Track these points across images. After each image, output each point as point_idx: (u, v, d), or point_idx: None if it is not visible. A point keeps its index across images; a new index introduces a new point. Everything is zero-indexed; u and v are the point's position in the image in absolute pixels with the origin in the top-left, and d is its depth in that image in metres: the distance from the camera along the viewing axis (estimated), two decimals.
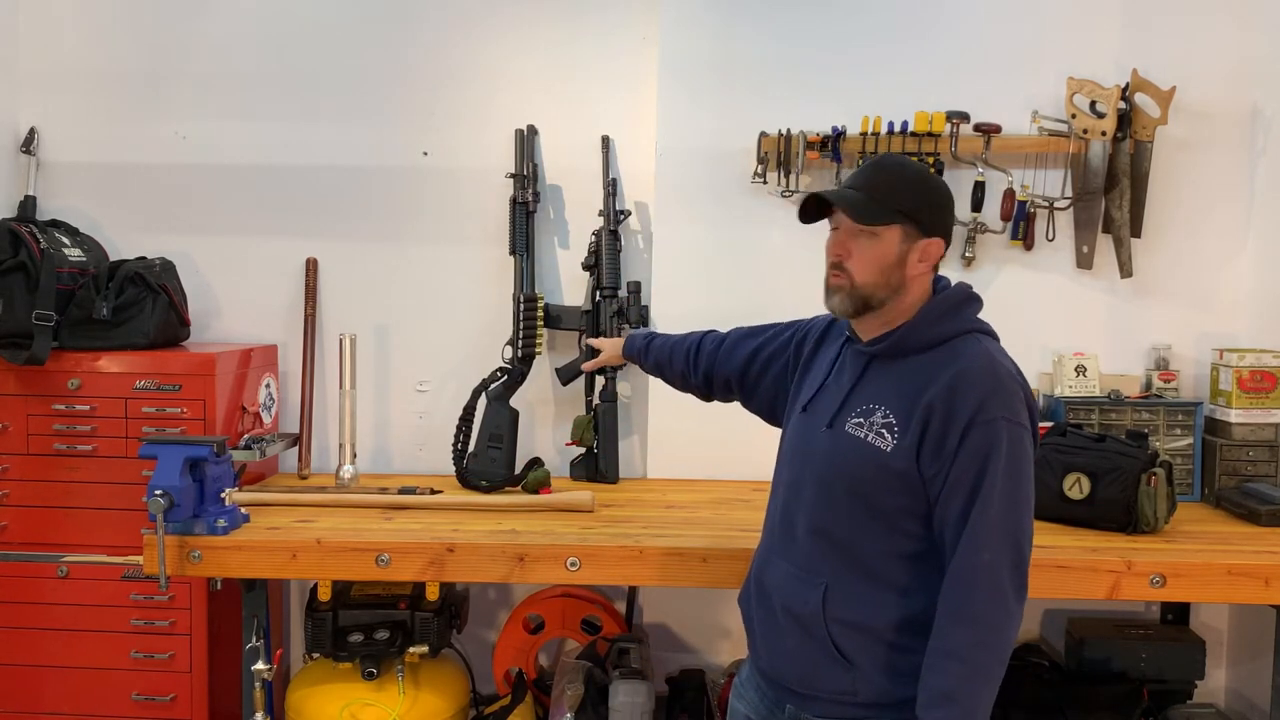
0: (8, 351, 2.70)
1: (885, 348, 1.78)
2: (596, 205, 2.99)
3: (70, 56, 3.11)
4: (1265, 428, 2.76)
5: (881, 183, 1.77)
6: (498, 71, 3.07)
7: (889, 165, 1.82)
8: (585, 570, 2.32)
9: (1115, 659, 2.80)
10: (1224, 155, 2.92)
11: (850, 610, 1.74)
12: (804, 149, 2.87)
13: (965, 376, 1.68)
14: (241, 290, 3.14)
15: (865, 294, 1.76)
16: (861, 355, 1.81)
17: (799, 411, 1.88)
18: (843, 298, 1.78)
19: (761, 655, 1.88)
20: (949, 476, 1.66)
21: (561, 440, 3.04)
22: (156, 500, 2.24)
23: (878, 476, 1.72)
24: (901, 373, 1.75)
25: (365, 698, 2.55)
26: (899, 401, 1.72)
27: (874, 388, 1.77)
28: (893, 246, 1.75)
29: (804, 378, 1.95)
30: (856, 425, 1.75)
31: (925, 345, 1.75)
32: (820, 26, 2.94)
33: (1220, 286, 2.96)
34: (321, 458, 3.09)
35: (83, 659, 2.76)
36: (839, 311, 1.81)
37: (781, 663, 1.83)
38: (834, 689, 1.77)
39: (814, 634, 1.76)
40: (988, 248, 2.95)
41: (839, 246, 1.79)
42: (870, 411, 1.75)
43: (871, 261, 1.75)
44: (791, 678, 1.82)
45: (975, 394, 1.66)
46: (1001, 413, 1.65)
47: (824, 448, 1.79)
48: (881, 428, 1.72)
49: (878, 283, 1.76)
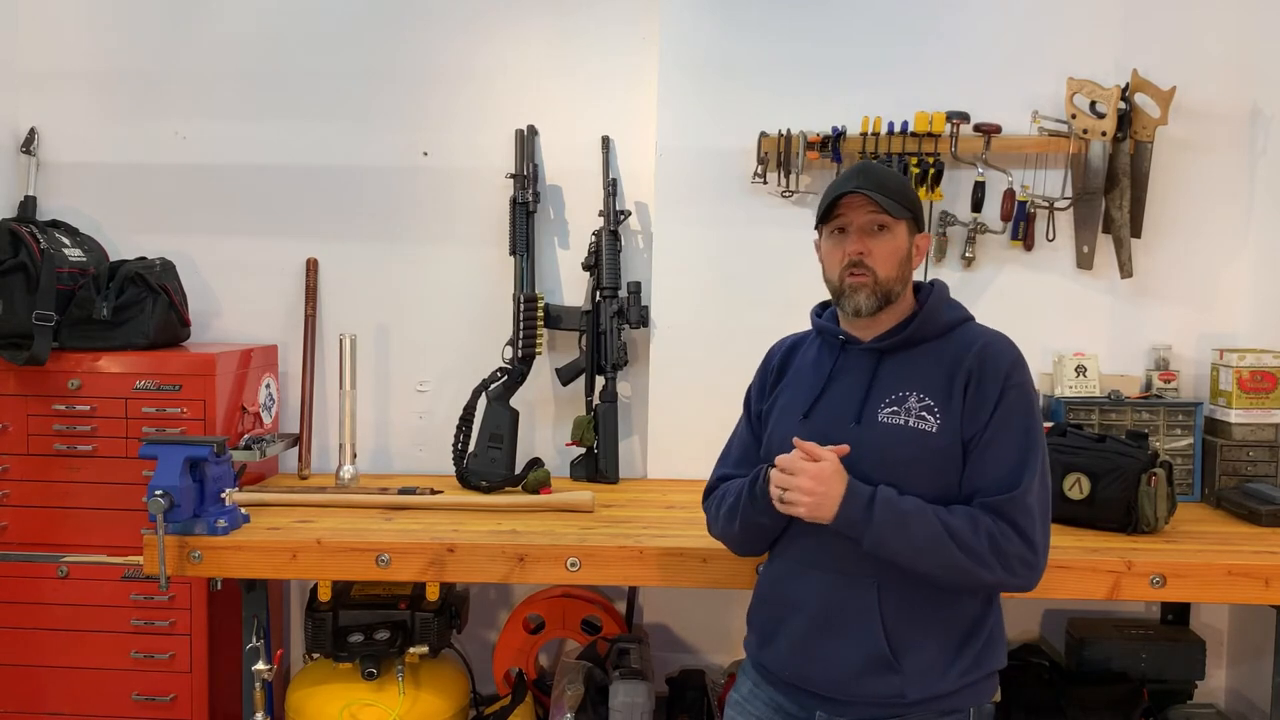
0: (8, 352, 2.70)
1: (901, 339, 1.83)
2: (596, 205, 2.99)
3: (70, 56, 3.11)
4: (1265, 428, 2.76)
5: (888, 180, 1.84)
6: (498, 71, 3.07)
7: (879, 167, 1.89)
8: (585, 570, 2.32)
9: (1115, 659, 2.80)
10: (1224, 155, 2.92)
11: (905, 608, 1.76)
12: (804, 149, 2.87)
13: (992, 348, 1.81)
14: (241, 290, 3.14)
15: (887, 288, 1.83)
16: (869, 353, 1.86)
17: (799, 420, 1.87)
18: (867, 294, 1.82)
19: (785, 665, 1.85)
20: (989, 434, 1.75)
21: (561, 440, 3.04)
22: (156, 500, 2.24)
23: (925, 458, 1.77)
24: (920, 360, 1.82)
25: (365, 698, 2.55)
26: (931, 384, 1.79)
27: (896, 378, 1.82)
28: (905, 241, 1.85)
29: (785, 392, 1.95)
30: (892, 414, 1.79)
31: (936, 333, 1.84)
32: (820, 27, 2.94)
33: (1220, 286, 2.96)
34: (321, 458, 3.09)
35: (83, 659, 2.76)
36: (865, 309, 1.83)
37: (815, 670, 1.81)
38: (880, 693, 1.76)
39: (863, 639, 1.76)
40: (988, 248, 2.95)
41: (859, 244, 1.82)
42: (903, 399, 1.80)
43: (891, 255, 1.82)
44: (827, 685, 1.80)
45: (1005, 361, 1.80)
46: (1028, 378, 1.81)
47: (857, 443, 1.78)
48: (921, 411, 1.78)
49: (896, 276, 1.84)
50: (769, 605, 1.91)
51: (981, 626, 1.81)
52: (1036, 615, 3.08)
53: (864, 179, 1.82)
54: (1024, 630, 3.08)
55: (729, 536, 1.97)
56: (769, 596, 1.91)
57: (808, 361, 1.95)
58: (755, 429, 2.01)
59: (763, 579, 1.96)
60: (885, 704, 1.77)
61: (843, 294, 1.85)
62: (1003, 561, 1.70)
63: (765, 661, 1.91)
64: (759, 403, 2.01)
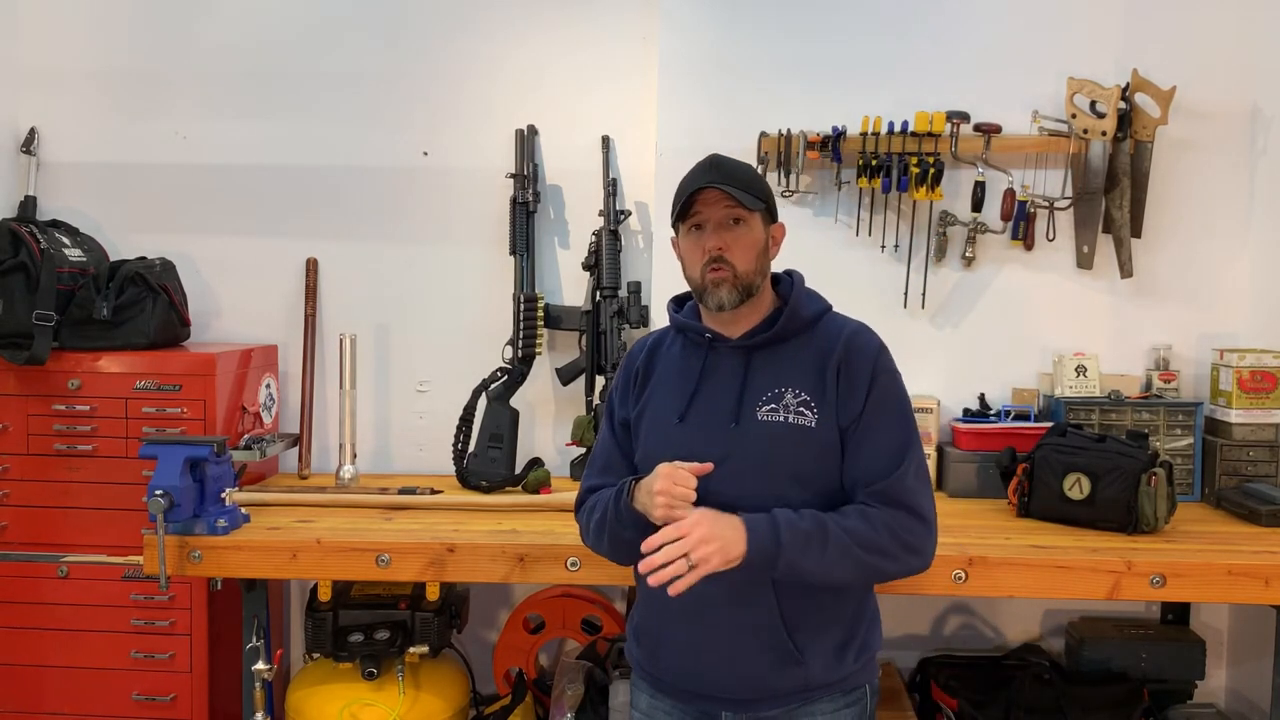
0: (8, 351, 2.70)
1: (771, 335, 1.83)
2: (596, 205, 2.99)
3: (70, 56, 3.11)
4: (1265, 428, 2.76)
5: (739, 172, 1.84)
6: (498, 71, 3.07)
7: (729, 160, 1.86)
8: (585, 570, 2.32)
9: (1115, 659, 2.80)
10: (1224, 155, 2.92)
11: (804, 601, 1.76)
12: (804, 149, 2.87)
13: (857, 338, 1.83)
14: (241, 290, 3.14)
15: (747, 281, 1.82)
16: (739, 350, 1.84)
17: (673, 423, 1.83)
18: (729, 289, 1.79)
19: (682, 674, 1.84)
20: (864, 422, 1.78)
21: (561, 440, 3.04)
22: (157, 500, 2.25)
23: (806, 453, 1.77)
24: (790, 355, 1.82)
25: (365, 698, 2.55)
26: (804, 379, 1.80)
27: (768, 375, 1.82)
28: (761, 233, 1.84)
29: (654, 395, 1.89)
30: (770, 412, 1.79)
31: (802, 326, 1.84)
32: (820, 26, 2.94)
33: (1220, 286, 2.96)
34: (321, 458, 3.09)
35: (83, 659, 2.76)
36: (728, 304, 1.80)
37: (718, 675, 1.80)
38: (787, 686, 1.79)
39: (766, 637, 1.77)
40: (988, 248, 2.95)
41: (716, 239, 1.80)
42: (779, 395, 1.80)
43: (749, 249, 1.81)
44: (731, 687, 1.80)
45: (870, 351, 1.82)
46: (893, 365, 1.84)
47: (738, 443, 1.78)
48: (799, 406, 1.79)
49: (755, 269, 1.83)
50: (657, 614, 1.85)
51: (865, 608, 1.87)
52: (1036, 615, 3.08)
53: (716, 173, 1.80)
54: (1024, 630, 3.08)
55: (600, 550, 1.91)
56: (655, 605, 1.84)
57: (673, 362, 1.90)
58: (619, 436, 1.94)
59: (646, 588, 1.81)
60: (792, 695, 1.79)
61: (705, 290, 1.81)
62: (905, 547, 1.74)
63: (658, 672, 1.88)
64: (623, 409, 1.94)
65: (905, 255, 2.93)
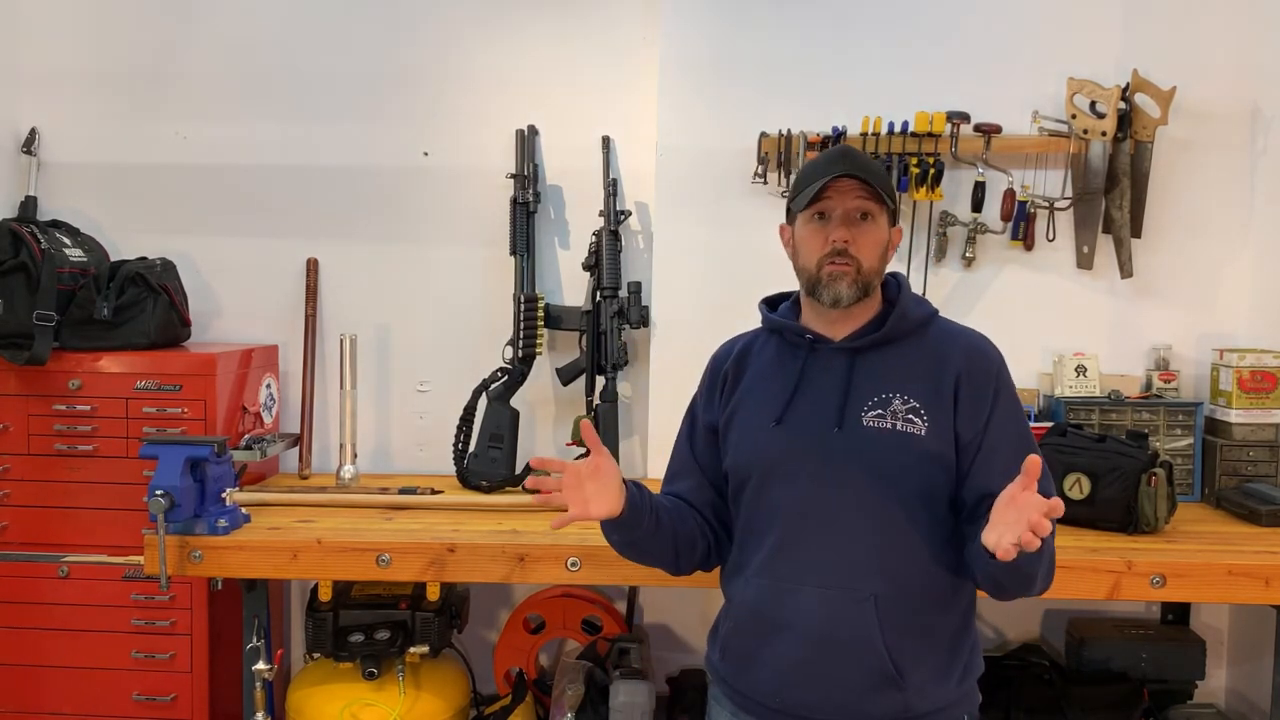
0: (8, 352, 2.70)
1: (879, 337, 1.76)
2: (597, 205, 2.99)
3: (70, 56, 3.11)
4: (1265, 428, 2.76)
5: (873, 166, 1.78)
6: (498, 71, 3.07)
7: (861, 153, 1.82)
8: (585, 570, 2.32)
9: (1115, 659, 2.80)
10: (1224, 155, 2.92)
11: (901, 621, 1.68)
12: (804, 149, 2.87)
13: (977, 349, 1.79)
14: (242, 290, 3.14)
15: (868, 279, 1.75)
16: (842, 352, 1.77)
17: (769, 426, 1.76)
18: (849, 283, 1.72)
19: (775, 692, 1.74)
20: (990, 437, 1.72)
21: (561, 440, 3.04)
22: (157, 500, 2.25)
23: (914, 462, 1.70)
24: (897, 360, 1.75)
25: (366, 698, 2.55)
26: (915, 385, 1.73)
27: (875, 380, 1.74)
28: (885, 232, 1.78)
29: (746, 399, 1.82)
30: (877, 418, 1.71)
31: (910, 330, 1.78)
32: (820, 26, 2.94)
33: (1220, 286, 2.95)
34: (322, 458, 3.09)
35: (83, 659, 2.76)
36: (846, 299, 1.73)
37: (813, 695, 1.71)
38: (883, 711, 1.69)
39: (863, 657, 1.67)
40: (988, 248, 2.95)
41: (844, 232, 1.72)
42: (887, 402, 1.72)
43: (874, 245, 1.75)
44: (826, 709, 1.71)
45: (992, 363, 1.78)
46: (1011, 380, 1.79)
47: (841, 450, 1.71)
48: (908, 414, 1.71)
49: (877, 268, 1.77)
50: (751, 627, 1.77)
51: (967, 634, 1.78)
52: (1036, 615, 3.08)
53: (849, 163, 1.72)
54: (1024, 630, 3.08)
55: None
56: (748, 618, 1.78)
57: (767, 364, 1.82)
58: (696, 442, 1.89)
59: (736, 599, 1.80)
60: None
61: (819, 283, 1.74)
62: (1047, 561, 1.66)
63: (746, 689, 1.78)
64: (708, 413, 1.87)
65: (905, 255, 2.93)
